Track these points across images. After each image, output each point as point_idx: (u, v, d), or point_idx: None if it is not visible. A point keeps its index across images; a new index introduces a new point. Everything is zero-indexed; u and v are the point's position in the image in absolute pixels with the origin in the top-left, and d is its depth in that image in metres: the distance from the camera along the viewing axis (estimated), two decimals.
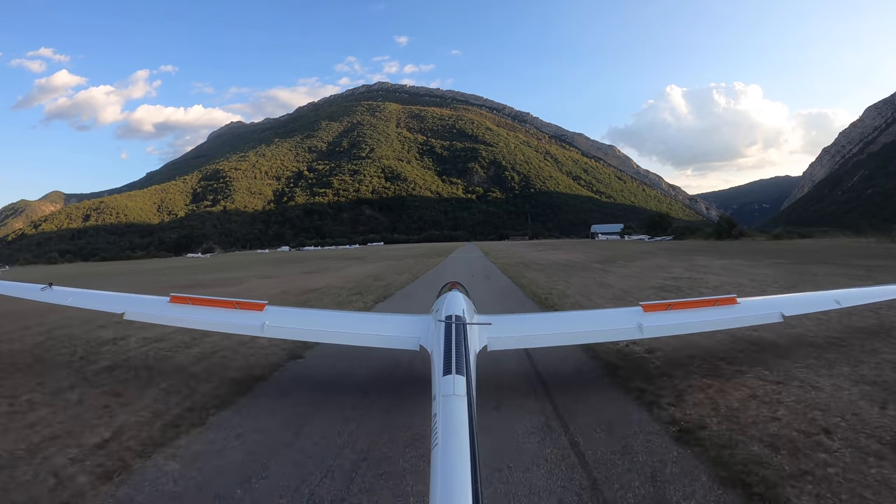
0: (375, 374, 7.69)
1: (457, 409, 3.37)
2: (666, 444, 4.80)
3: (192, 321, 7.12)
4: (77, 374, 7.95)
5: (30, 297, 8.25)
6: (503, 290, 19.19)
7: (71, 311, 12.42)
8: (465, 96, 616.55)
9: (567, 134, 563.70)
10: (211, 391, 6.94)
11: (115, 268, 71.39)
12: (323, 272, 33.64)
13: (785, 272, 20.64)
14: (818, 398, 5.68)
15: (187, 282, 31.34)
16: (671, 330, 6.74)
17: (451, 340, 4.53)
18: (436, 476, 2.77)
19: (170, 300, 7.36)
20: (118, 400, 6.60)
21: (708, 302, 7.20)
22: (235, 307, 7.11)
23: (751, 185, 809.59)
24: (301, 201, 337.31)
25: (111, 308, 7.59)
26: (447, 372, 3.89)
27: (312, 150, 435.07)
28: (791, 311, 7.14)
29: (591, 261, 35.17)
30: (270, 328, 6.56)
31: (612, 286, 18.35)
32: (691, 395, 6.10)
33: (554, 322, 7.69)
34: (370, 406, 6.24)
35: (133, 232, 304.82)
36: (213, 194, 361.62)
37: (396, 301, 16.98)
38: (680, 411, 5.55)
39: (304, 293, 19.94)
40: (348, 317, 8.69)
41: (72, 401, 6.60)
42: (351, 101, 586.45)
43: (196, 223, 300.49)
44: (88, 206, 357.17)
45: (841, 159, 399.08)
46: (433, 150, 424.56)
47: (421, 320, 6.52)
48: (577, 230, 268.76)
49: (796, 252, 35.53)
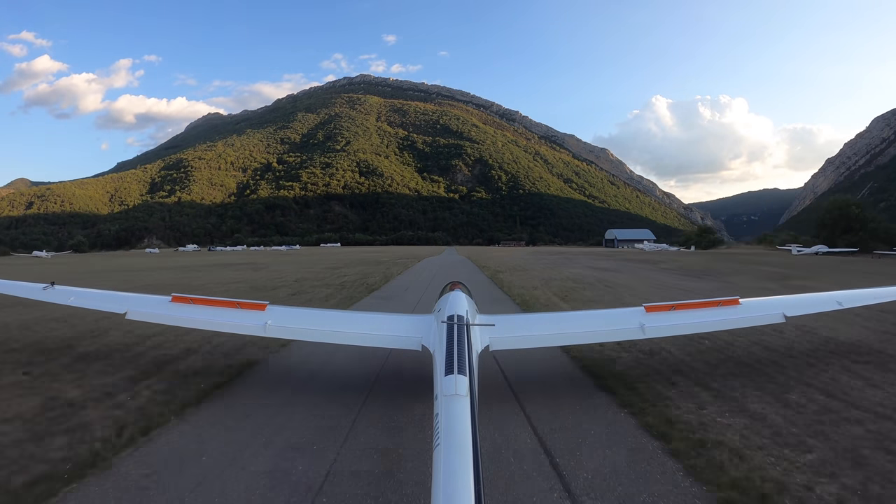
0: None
1: (459, 409, 3.38)
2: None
3: (195, 321, 7.15)
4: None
5: (31, 296, 8.47)
6: None
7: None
8: (450, 91, 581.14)
9: (558, 135, 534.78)
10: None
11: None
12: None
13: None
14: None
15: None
16: (673, 330, 6.94)
17: (454, 340, 4.60)
18: (438, 476, 2.75)
19: (171, 300, 7.46)
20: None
21: (711, 303, 7.36)
22: (237, 307, 7.23)
23: (737, 197, 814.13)
24: (264, 195, 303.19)
25: (113, 308, 7.62)
26: (449, 372, 3.97)
27: (285, 142, 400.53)
28: (793, 311, 7.31)
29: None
30: (273, 328, 6.66)
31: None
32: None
33: (556, 322, 7.70)
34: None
35: (74, 223, 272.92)
36: (170, 184, 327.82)
37: None
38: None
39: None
40: (350, 316, 8.68)
41: None
42: (331, 93, 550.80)
43: (142, 215, 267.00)
44: (33, 194, 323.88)
45: (846, 171, 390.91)
46: (414, 146, 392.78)
47: (423, 320, 6.57)
48: (572, 236, 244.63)
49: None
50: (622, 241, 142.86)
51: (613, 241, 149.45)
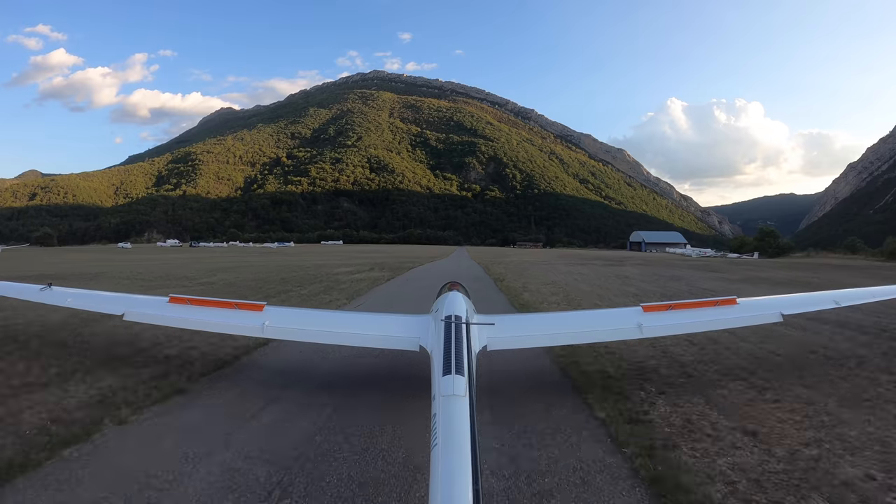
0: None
1: (457, 409, 3.37)
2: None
3: (192, 322, 7.04)
4: None
5: (29, 297, 8.29)
6: None
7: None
8: (465, 88, 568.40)
9: (573, 134, 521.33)
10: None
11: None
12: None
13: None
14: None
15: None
16: (671, 330, 6.90)
17: (452, 340, 4.55)
18: (436, 476, 2.76)
19: (169, 300, 7.35)
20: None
21: (708, 303, 7.25)
22: (234, 307, 7.12)
23: (752, 201, 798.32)
24: (271, 189, 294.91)
25: (110, 309, 7.52)
26: (447, 372, 3.94)
27: (296, 137, 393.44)
28: (790, 310, 7.11)
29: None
30: (270, 328, 6.54)
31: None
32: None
33: (554, 322, 7.66)
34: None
35: (76, 215, 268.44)
36: (177, 178, 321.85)
37: None
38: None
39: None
40: (348, 317, 8.66)
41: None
42: (344, 89, 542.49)
43: (145, 208, 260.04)
44: (37, 185, 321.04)
45: (868, 176, 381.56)
46: (427, 143, 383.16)
47: (421, 320, 6.43)
48: (590, 238, 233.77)
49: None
50: (650, 245, 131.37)
51: (640, 245, 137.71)
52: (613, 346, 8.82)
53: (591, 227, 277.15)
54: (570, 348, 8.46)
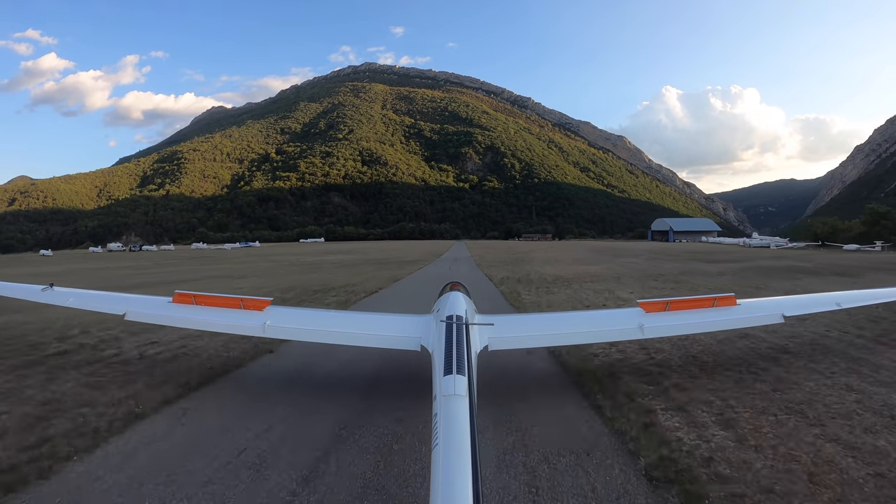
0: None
1: (457, 409, 3.39)
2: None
3: (194, 321, 6.99)
4: None
5: (30, 297, 8.18)
6: None
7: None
8: (459, 78, 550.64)
9: (572, 122, 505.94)
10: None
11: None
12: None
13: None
14: None
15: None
16: (672, 330, 6.83)
17: (452, 340, 4.60)
18: (436, 475, 2.78)
19: (172, 299, 7.22)
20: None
21: (706, 301, 7.10)
22: (240, 305, 7.02)
23: (752, 188, 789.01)
24: (258, 186, 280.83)
25: (112, 309, 7.47)
26: (448, 372, 3.97)
27: (285, 132, 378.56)
28: (792, 311, 7.11)
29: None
30: (271, 328, 6.53)
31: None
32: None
33: (555, 322, 7.62)
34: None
35: (55, 219, 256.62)
36: (161, 177, 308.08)
37: None
38: None
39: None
40: (349, 317, 8.64)
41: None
42: (335, 82, 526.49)
43: (124, 210, 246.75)
44: (16, 189, 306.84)
45: (876, 158, 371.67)
46: (421, 134, 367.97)
47: (422, 320, 6.43)
48: (595, 228, 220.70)
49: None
50: (679, 234, 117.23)
51: (668, 234, 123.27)
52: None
53: (596, 216, 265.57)
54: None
